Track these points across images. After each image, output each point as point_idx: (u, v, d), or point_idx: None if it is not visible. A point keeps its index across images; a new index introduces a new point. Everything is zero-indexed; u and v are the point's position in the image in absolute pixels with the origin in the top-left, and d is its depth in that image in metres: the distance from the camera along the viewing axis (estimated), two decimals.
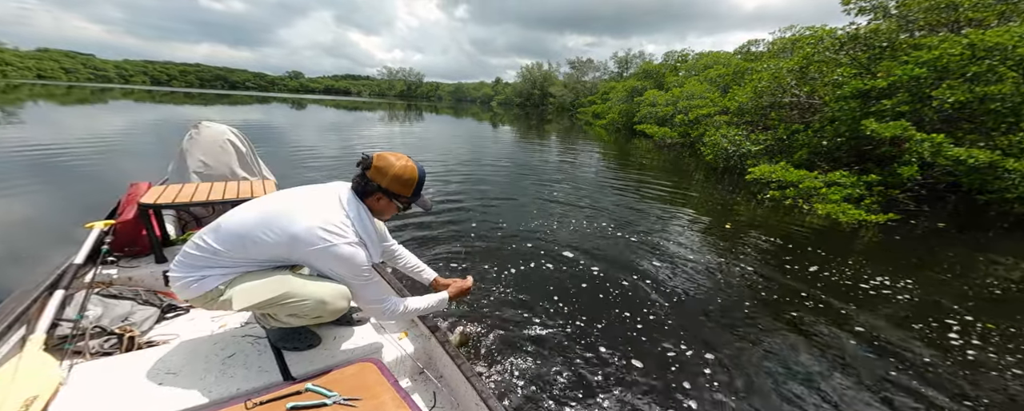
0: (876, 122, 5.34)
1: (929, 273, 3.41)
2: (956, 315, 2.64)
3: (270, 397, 1.13)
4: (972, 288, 3.10)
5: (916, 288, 3.03)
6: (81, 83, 62.44)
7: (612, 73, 45.67)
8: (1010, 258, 3.82)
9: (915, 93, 5.39)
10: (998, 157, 4.44)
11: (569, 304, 2.55)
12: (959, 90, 4.83)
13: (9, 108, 14.40)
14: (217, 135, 2.54)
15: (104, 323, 1.53)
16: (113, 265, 1.89)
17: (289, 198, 1.25)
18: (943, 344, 2.32)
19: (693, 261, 3.39)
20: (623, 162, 9.88)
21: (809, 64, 7.48)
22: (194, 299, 1.21)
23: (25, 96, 22.08)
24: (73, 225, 3.20)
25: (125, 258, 1.96)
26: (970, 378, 2.03)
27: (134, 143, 8.50)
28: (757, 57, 15.95)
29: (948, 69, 5.12)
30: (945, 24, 6.39)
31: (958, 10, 6.12)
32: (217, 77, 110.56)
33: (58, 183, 4.94)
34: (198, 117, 2.78)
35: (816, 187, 5.23)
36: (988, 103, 4.79)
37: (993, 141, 4.93)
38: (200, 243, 1.21)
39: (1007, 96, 4.74)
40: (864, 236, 4.37)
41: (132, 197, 2.10)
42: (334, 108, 30.42)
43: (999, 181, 4.62)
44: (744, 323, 2.47)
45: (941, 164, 4.73)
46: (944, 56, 5.09)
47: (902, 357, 2.18)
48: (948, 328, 2.49)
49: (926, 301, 2.84)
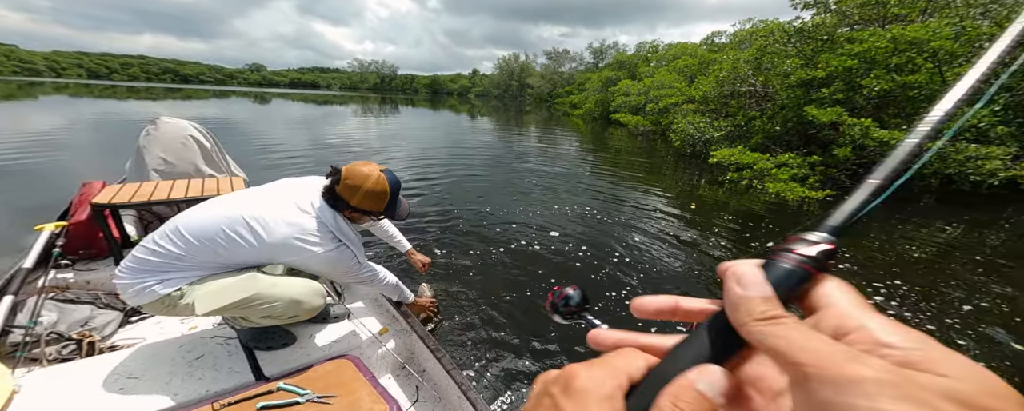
0: (816, 109, 6.01)
1: (863, 243, 3.93)
2: (884, 280, 3.01)
3: (239, 397, 1.11)
4: (896, 255, 3.62)
5: (854, 257, 3.45)
6: (5, 77, 56.33)
7: (588, 63, 46.27)
8: (924, 230, 4.45)
9: (848, 82, 6.09)
10: None
11: (542, 286, 2.71)
12: (883, 79, 5.52)
13: None
14: (177, 131, 2.43)
15: (61, 329, 1.47)
16: (68, 269, 1.81)
17: (259, 201, 1.19)
18: (875, 307, 2.79)
19: (662, 240, 3.78)
20: (599, 150, 10.37)
21: (763, 55, 8.13)
22: (148, 305, 1.13)
23: None
24: (18, 228, 3.13)
25: (82, 261, 1.87)
26: None
27: (81, 141, 8.08)
28: (721, 48, 16.80)
29: (875, 61, 5.81)
30: (876, 19, 7.14)
31: (886, 6, 6.87)
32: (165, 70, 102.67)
33: (11, 184, 4.74)
34: (148, 112, 2.74)
35: (768, 168, 5.85)
36: (907, 91, 5.51)
37: (912, 124, 5.67)
38: (155, 247, 1.12)
39: (924, 84, 5.47)
40: (808, 211, 4.99)
41: (85, 197, 1.99)
42: (302, 102, 29.23)
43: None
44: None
45: (869, 145, 5.42)
46: (872, 49, 5.77)
47: None
48: (876, 292, 2.83)
49: (858, 269, 3.23)
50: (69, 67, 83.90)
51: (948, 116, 0.43)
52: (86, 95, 22.70)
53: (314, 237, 1.18)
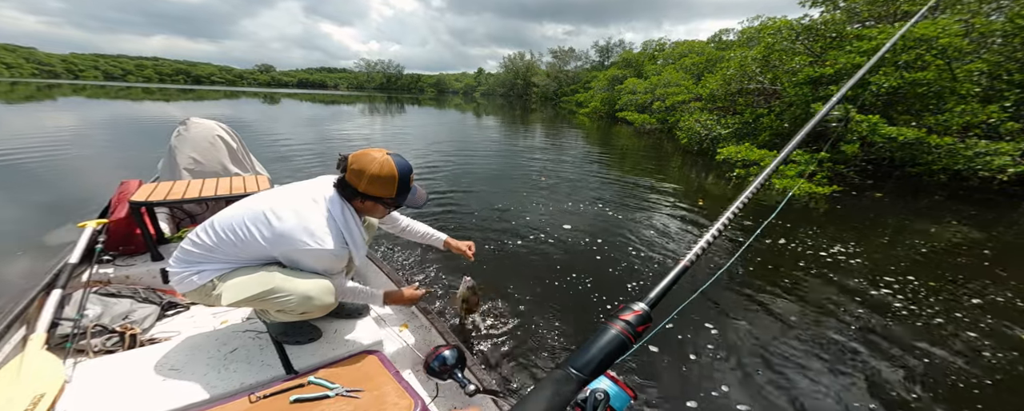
0: (823, 105, 6.01)
1: (872, 239, 3.88)
2: (894, 275, 3.04)
3: (273, 390, 1.15)
4: (905, 250, 3.60)
5: (863, 253, 3.44)
6: (25, 79, 57.72)
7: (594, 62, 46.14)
8: (934, 226, 4.46)
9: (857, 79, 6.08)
10: (923, 134, 5.16)
11: (558, 282, 2.74)
12: (892, 77, 5.52)
13: None
14: (206, 131, 2.51)
15: (105, 321, 1.54)
16: (109, 264, 1.88)
17: (278, 197, 1.24)
18: (886, 302, 2.61)
19: (670, 235, 3.87)
20: (606, 147, 10.43)
21: (771, 53, 8.13)
22: (190, 293, 1.23)
23: None
24: (61, 225, 3.32)
25: (121, 257, 1.95)
26: (912, 330, 2.33)
27: (113, 141, 8.38)
28: (729, 46, 16.71)
29: (883, 58, 5.80)
30: (886, 16, 7.12)
31: (896, 2, 6.84)
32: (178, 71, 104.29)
33: (42, 184, 4.92)
34: (164, 112, 2.82)
35: None
36: (916, 87, 5.50)
37: (921, 121, 5.68)
38: (195, 239, 1.23)
39: (932, 81, 5.47)
40: (816, 208, 5.01)
41: (123, 195, 2.07)
42: (311, 102, 29.61)
43: (927, 155, 5.37)
44: (720, 293, 2.71)
45: (877, 141, 5.43)
46: (879, 46, 5.76)
47: (861, 319, 2.43)
48: (887, 286, 2.86)
49: (871, 264, 3.23)
50: (86, 69, 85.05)
51: (736, 211, 0.71)
52: (103, 96, 23.09)
53: (317, 230, 1.17)
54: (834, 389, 1.89)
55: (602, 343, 0.40)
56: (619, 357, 0.40)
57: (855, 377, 1.98)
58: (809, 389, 1.89)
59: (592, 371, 0.39)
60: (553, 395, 0.36)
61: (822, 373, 2.00)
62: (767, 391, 1.87)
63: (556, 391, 0.37)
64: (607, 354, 0.39)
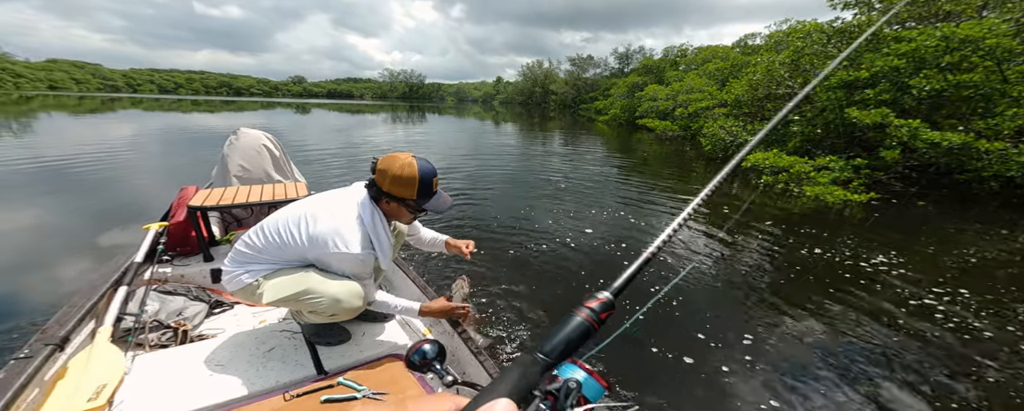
0: (858, 110, 5.78)
1: (917, 248, 3.67)
2: (944, 286, 2.89)
3: (306, 390, 1.20)
4: (953, 260, 3.41)
5: (907, 264, 3.27)
6: (91, 93, 63.38)
7: (613, 69, 45.92)
8: (987, 236, 4.16)
9: (895, 82, 5.82)
10: (971, 138, 4.86)
11: (576, 290, 2.70)
12: (934, 79, 5.25)
13: (25, 119, 15.01)
14: (253, 141, 2.66)
15: (161, 317, 1.65)
16: (167, 264, 2.02)
17: (316, 202, 1.30)
18: (930, 315, 2.49)
19: (692, 241, 3.81)
20: (626, 154, 10.34)
21: (800, 57, 7.90)
22: (237, 292, 1.31)
23: (38, 107, 22.29)
24: (127, 226, 3.65)
25: (178, 257, 2.09)
26: (960, 345, 2.20)
27: (168, 150, 9.06)
28: (755, 50, 16.30)
29: (925, 60, 5.54)
30: (927, 17, 6.80)
31: (937, 3, 6.53)
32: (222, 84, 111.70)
33: (107, 189, 5.35)
34: (208, 124, 2.95)
35: (805, 171, 5.68)
36: (961, 90, 5.21)
37: (969, 125, 5.35)
38: (247, 241, 1.31)
39: (979, 84, 5.16)
40: (852, 216, 4.78)
41: (182, 200, 2.20)
42: (338, 112, 30.83)
43: (975, 161, 5.05)
44: (753, 303, 2.63)
45: (919, 147, 5.16)
46: (921, 48, 5.51)
47: (907, 332, 2.31)
48: (937, 298, 2.72)
49: (914, 275, 3.07)
50: (143, 83, 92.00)
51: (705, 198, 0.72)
52: (157, 109, 24.68)
53: (346, 233, 1.21)
54: (869, 404, 1.81)
55: (568, 329, 0.42)
56: (584, 342, 0.42)
57: (894, 391, 1.89)
58: (840, 401, 1.82)
59: (558, 355, 0.41)
60: (520, 377, 0.38)
61: (856, 384, 1.92)
62: (793, 402, 1.81)
63: (522, 374, 0.39)
64: (572, 339, 0.42)
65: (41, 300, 2.47)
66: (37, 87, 63.92)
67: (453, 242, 1.70)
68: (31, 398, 1.14)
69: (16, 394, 1.08)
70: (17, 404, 1.08)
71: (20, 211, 4.20)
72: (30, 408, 1.12)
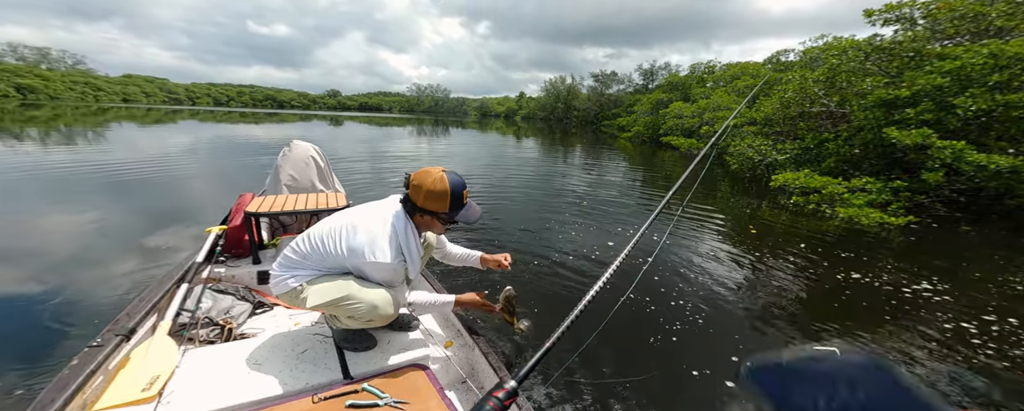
0: (897, 130, 5.54)
1: (959, 275, 3.50)
2: (991, 314, 2.75)
3: (332, 394, 1.25)
4: (999, 289, 3.20)
5: (951, 290, 3.11)
6: (157, 106, 69.83)
7: (637, 85, 45.76)
8: None
9: (938, 102, 5.56)
10: (1020, 162, 4.56)
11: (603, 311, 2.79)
12: (981, 99, 4.99)
13: (102, 130, 16.61)
14: (303, 152, 2.83)
15: (212, 314, 1.74)
16: (222, 264, 2.14)
17: (356, 214, 1.38)
18: (973, 345, 2.37)
19: (719, 261, 3.71)
20: (650, 171, 10.24)
21: (836, 74, 7.67)
22: (282, 295, 1.37)
23: (112, 118, 24.59)
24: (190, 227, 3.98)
25: (231, 258, 2.21)
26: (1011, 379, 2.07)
27: (221, 158, 9.78)
28: (788, 67, 15.90)
29: (971, 78, 5.28)
30: (976, 32, 6.49)
31: (988, 18, 6.23)
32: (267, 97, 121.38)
33: (170, 193, 5.85)
34: (251, 134, 3.10)
35: (838, 193, 5.46)
36: (1011, 111, 4.91)
37: (1020, 148, 5.01)
38: (296, 247, 1.38)
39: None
40: (890, 240, 4.53)
41: (240, 206, 2.33)
42: (368, 124, 32.29)
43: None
44: (787, 327, 2.56)
45: (964, 170, 4.87)
46: (966, 66, 5.26)
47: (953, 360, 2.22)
48: (983, 326, 2.57)
49: (956, 303, 2.92)
50: (201, 96, 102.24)
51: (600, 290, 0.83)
52: (210, 120, 26.80)
53: (380, 244, 1.29)
54: None
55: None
56: None
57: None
58: None
59: None
60: None
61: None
62: None
63: None
64: None
65: (101, 293, 2.66)
66: (113, 99, 71.03)
67: (489, 257, 1.75)
68: (96, 384, 1.23)
69: (86, 380, 1.16)
70: (84, 390, 1.16)
71: (83, 213, 4.64)
72: (95, 394, 1.21)
